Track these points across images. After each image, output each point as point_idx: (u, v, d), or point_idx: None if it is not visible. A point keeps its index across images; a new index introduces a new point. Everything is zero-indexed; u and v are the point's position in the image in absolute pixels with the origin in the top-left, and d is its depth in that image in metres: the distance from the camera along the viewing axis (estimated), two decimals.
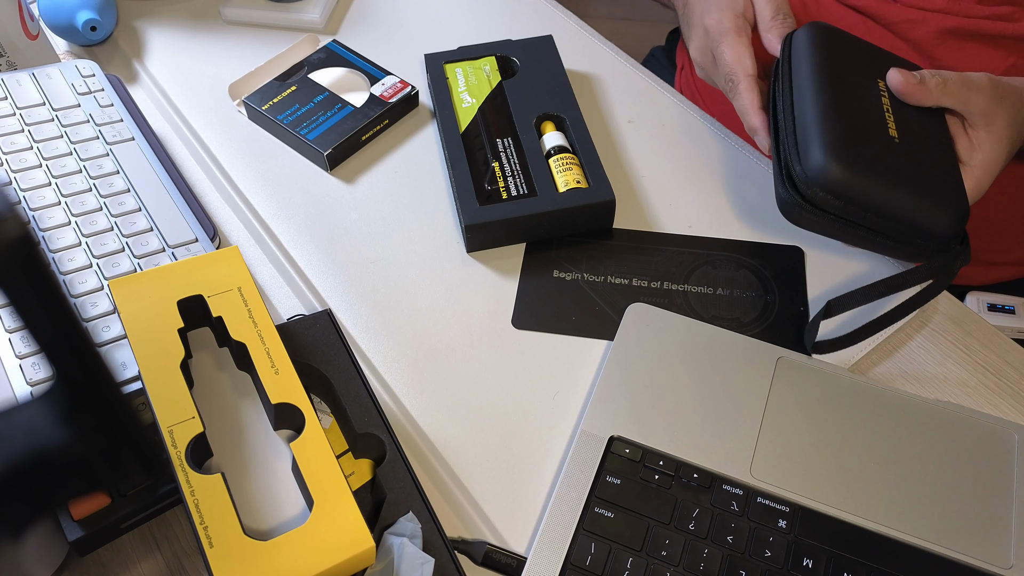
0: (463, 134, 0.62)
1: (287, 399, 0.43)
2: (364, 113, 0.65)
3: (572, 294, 0.56)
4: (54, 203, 0.56)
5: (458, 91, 0.66)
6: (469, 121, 0.63)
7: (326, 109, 0.65)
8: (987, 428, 0.48)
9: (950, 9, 0.63)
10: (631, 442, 0.48)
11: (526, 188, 0.59)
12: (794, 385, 0.50)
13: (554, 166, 0.60)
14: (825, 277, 0.57)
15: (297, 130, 0.64)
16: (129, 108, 0.62)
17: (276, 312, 0.56)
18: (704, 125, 0.67)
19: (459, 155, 0.60)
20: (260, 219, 0.61)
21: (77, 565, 0.45)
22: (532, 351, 0.54)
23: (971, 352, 0.54)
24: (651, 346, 0.52)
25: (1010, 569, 0.43)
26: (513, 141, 0.62)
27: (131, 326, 0.45)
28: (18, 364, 0.47)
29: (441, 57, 0.68)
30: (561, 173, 0.59)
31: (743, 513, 0.45)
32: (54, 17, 0.69)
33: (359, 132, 0.64)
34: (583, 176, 0.59)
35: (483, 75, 0.67)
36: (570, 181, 0.58)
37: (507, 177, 0.59)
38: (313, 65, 0.69)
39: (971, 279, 0.77)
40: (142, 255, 0.54)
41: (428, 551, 0.42)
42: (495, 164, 0.60)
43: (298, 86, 0.67)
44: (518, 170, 0.60)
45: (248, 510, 0.42)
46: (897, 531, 0.44)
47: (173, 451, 0.41)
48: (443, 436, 0.50)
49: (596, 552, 0.44)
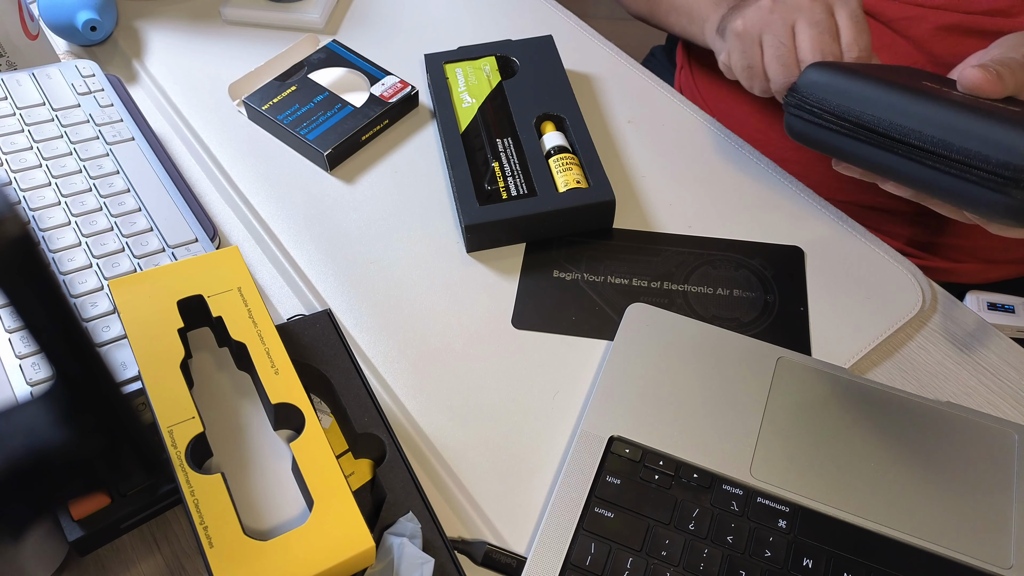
0: (463, 134, 0.62)
1: (287, 399, 0.43)
2: (364, 113, 0.65)
3: (572, 294, 0.56)
4: (54, 203, 0.56)
5: (458, 91, 0.66)
6: (469, 121, 0.63)
7: (326, 109, 0.65)
8: (987, 428, 0.48)
9: (948, 5, 0.63)
10: (631, 442, 0.48)
11: (526, 188, 0.59)
12: (794, 385, 0.50)
13: (554, 166, 0.60)
14: (825, 276, 0.57)
15: (297, 130, 0.64)
16: (129, 108, 0.62)
17: (276, 312, 0.56)
18: (704, 125, 0.67)
19: (459, 155, 0.60)
20: (260, 219, 0.61)
21: (77, 565, 0.45)
22: (532, 351, 0.54)
23: (971, 352, 0.54)
24: (651, 346, 0.52)
25: (1010, 569, 0.43)
26: (513, 141, 0.62)
27: (131, 326, 0.45)
28: (18, 364, 0.47)
29: (441, 57, 0.68)
30: (561, 173, 0.59)
31: (743, 513, 0.45)
32: (54, 17, 0.69)
33: (359, 132, 0.64)
34: (583, 176, 0.59)
35: (483, 75, 0.67)
36: (570, 181, 0.58)
37: (507, 177, 0.59)
38: (313, 65, 0.69)
39: (971, 278, 0.77)
40: (142, 255, 0.54)
41: (428, 551, 0.42)
42: (495, 164, 0.60)
43: (298, 86, 0.67)
44: (518, 170, 0.60)
45: (248, 510, 0.42)
46: (897, 531, 0.44)
47: (173, 451, 0.41)
48: (443, 436, 0.50)
49: (596, 552, 0.44)
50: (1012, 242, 0.75)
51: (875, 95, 0.48)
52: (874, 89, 0.48)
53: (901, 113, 0.47)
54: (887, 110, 0.47)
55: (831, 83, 0.50)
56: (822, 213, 0.61)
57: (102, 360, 0.25)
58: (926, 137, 0.46)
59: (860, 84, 0.49)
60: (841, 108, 0.49)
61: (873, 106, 0.48)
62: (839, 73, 0.50)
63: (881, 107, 0.48)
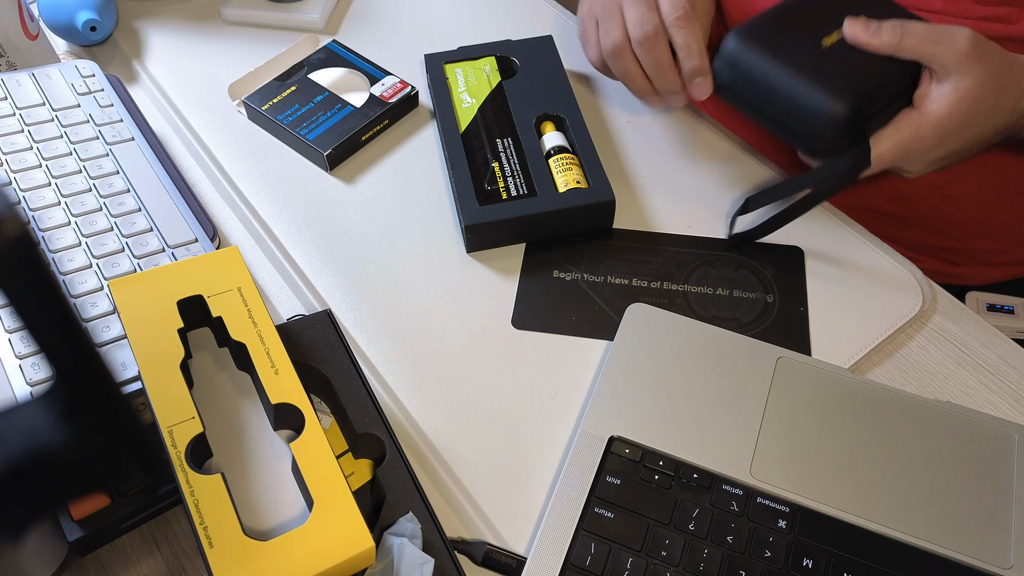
0: (463, 134, 0.62)
1: (287, 399, 0.43)
2: (364, 113, 0.65)
3: (572, 294, 0.56)
4: (54, 203, 0.56)
5: (458, 91, 0.66)
6: (469, 121, 0.63)
7: (326, 109, 0.65)
8: (987, 428, 0.48)
9: (948, 10, 0.62)
10: (631, 442, 0.48)
11: (526, 188, 0.59)
12: (794, 385, 0.50)
13: (554, 166, 0.60)
14: (825, 277, 0.57)
15: (297, 130, 0.64)
16: (129, 108, 0.62)
17: (276, 312, 0.56)
18: (704, 125, 0.67)
19: (459, 155, 0.60)
20: (260, 219, 0.61)
21: (77, 565, 0.45)
22: (532, 351, 0.54)
23: (971, 352, 0.54)
24: (651, 346, 0.52)
25: (1010, 569, 0.43)
26: (513, 141, 0.62)
27: (131, 326, 0.45)
28: (18, 364, 0.47)
29: (441, 57, 0.68)
30: (561, 173, 0.59)
31: (743, 513, 0.45)
32: (54, 17, 0.69)
33: (359, 132, 0.64)
34: (583, 176, 0.59)
35: (483, 75, 0.67)
36: (570, 181, 0.58)
37: (507, 177, 0.59)
38: (313, 65, 0.69)
39: (970, 279, 0.76)
40: (142, 255, 0.54)
41: (428, 551, 0.42)
42: (495, 164, 0.60)
43: (298, 86, 0.67)
44: (518, 170, 0.60)
45: (248, 510, 0.42)
46: (897, 531, 0.44)
47: (173, 451, 0.41)
48: (443, 436, 0.50)
49: (596, 552, 0.44)
50: (1010, 244, 0.75)
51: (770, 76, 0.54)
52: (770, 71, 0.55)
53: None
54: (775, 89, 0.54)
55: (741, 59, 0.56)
56: (822, 213, 0.61)
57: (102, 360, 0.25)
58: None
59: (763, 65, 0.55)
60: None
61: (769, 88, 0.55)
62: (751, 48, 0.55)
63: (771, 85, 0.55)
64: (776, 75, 0.53)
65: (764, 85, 0.54)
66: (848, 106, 0.51)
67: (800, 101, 0.52)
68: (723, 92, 0.57)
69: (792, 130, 0.54)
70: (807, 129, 0.53)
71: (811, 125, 0.53)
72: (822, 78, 0.52)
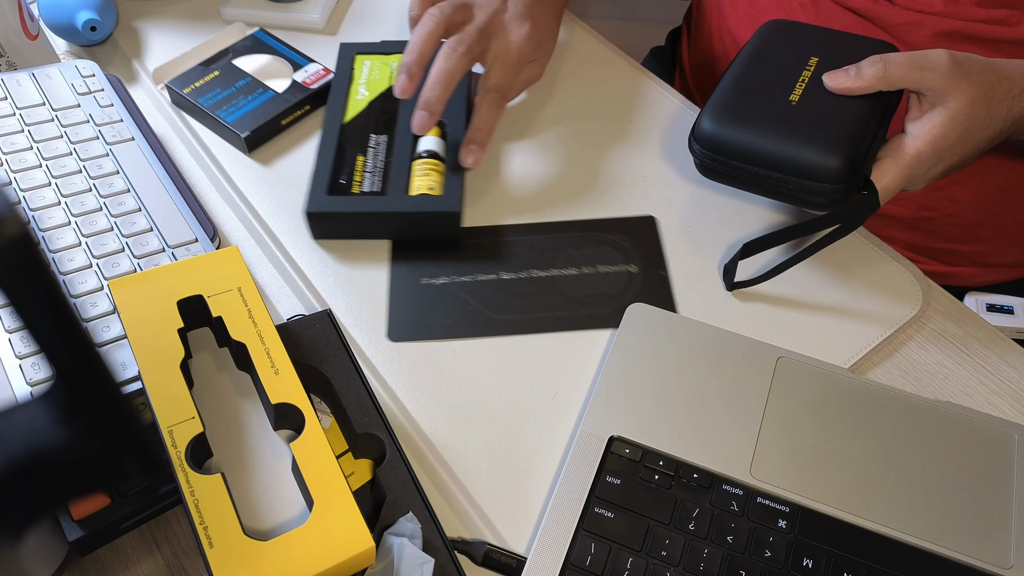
0: (345, 125, 0.63)
1: (287, 399, 0.43)
2: (285, 99, 0.66)
3: (442, 299, 0.56)
4: (54, 203, 0.56)
5: (358, 83, 0.66)
6: (356, 114, 0.64)
7: (247, 94, 0.66)
8: (987, 428, 0.48)
9: (948, 12, 0.62)
10: (631, 442, 0.48)
11: (380, 186, 0.59)
12: (794, 385, 0.50)
13: (415, 169, 0.59)
14: (825, 277, 0.57)
15: (217, 113, 0.65)
16: (129, 108, 0.62)
17: (276, 312, 0.56)
18: None
19: (330, 144, 0.61)
20: (260, 219, 0.61)
21: (77, 565, 0.45)
22: (532, 351, 0.54)
23: (971, 352, 0.54)
24: (651, 346, 0.52)
25: (1010, 569, 0.43)
26: (388, 139, 0.62)
27: (131, 326, 0.45)
28: (18, 364, 0.47)
29: (354, 48, 0.69)
30: (418, 177, 0.59)
31: (743, 513, 0.45)
32: (54, 17, 0.69)
33: (279, 116, 0.65)
34: (440, 184, 0.59)
35: (387, 71, 0.67)
36: (423, 186, 0.58)
37: (366, 172, 0.60)
38: (238, 52, 0.70)
39: (969, 281, 0.77)
40: (142, 255, 0.54)
41: (428, 551, 0.42)
42: (360, 158, 0.60)
43: (221, 71, 0.68)
44: (380, 168, 0.60)
45: (248, 510, 0.42)
46: (897, 531, 0.44)
47: (173, 451, 0.41)
48: (443, 436, 0.50)
49: (596, 552, 0.44)
50: (1009, 245, 0.75)
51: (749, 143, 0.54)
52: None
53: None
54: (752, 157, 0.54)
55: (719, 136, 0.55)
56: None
57: (102, 360, 0.25)
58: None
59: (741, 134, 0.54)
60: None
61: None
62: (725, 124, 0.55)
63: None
64: (763, 146, 0.52)
65: (752, 158, 0.53)
66: (844, 157, 0.51)
67: (795, 166, 0.52)
68: (710, 174, 0.56)
69: (791, 194, 0.53)
70: (808, 189, 0.52)
71: (812, 185, 0.52)
72: (809, 136, 0.52)
